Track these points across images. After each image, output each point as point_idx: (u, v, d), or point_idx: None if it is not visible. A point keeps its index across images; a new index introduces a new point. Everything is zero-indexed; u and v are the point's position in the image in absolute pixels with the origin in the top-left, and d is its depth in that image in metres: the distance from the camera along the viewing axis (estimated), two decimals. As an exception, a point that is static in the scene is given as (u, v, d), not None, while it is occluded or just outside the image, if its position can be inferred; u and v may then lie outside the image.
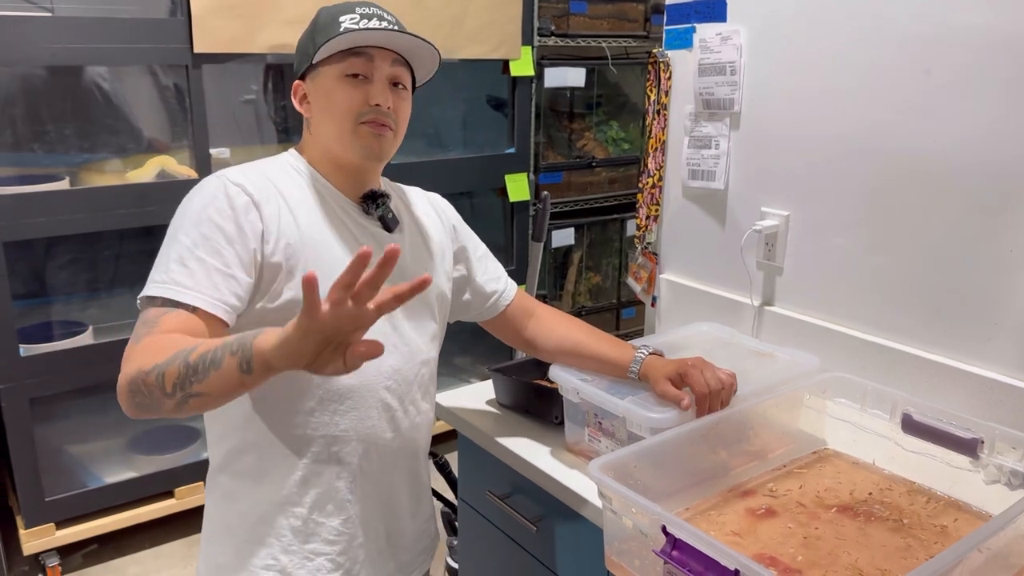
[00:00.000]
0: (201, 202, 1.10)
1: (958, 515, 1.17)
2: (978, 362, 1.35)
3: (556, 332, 1.41)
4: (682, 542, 0.96)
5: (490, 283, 1.40)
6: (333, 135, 1.17)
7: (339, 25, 1.15)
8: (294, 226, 1.13)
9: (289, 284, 1.12)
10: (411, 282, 0.84)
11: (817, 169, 1.54)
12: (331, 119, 1.17)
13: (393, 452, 1.25)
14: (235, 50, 2.39)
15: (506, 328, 1.44)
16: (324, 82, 1.16)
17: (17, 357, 2.27)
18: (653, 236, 1.90)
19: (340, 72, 1.15)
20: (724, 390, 1.25)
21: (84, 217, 2.29)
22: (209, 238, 1.07)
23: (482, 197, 3.33)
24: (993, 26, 1.26)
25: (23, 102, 2.37)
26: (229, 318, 1.07)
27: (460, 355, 3.46)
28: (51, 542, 2.42)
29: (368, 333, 1.14)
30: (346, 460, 1.20)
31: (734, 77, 1.65)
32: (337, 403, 1.18)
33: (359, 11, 1.16)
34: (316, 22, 1.19)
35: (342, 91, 1.15)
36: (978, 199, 1.32)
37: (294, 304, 1.11)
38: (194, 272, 1.05)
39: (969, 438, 1.20)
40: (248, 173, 1.15)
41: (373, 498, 1.24)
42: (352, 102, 1.15)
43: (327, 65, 1.16)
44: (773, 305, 1.66)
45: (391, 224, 1.23)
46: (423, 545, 1.37)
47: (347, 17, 1.15)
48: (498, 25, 2.93)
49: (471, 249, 1.39)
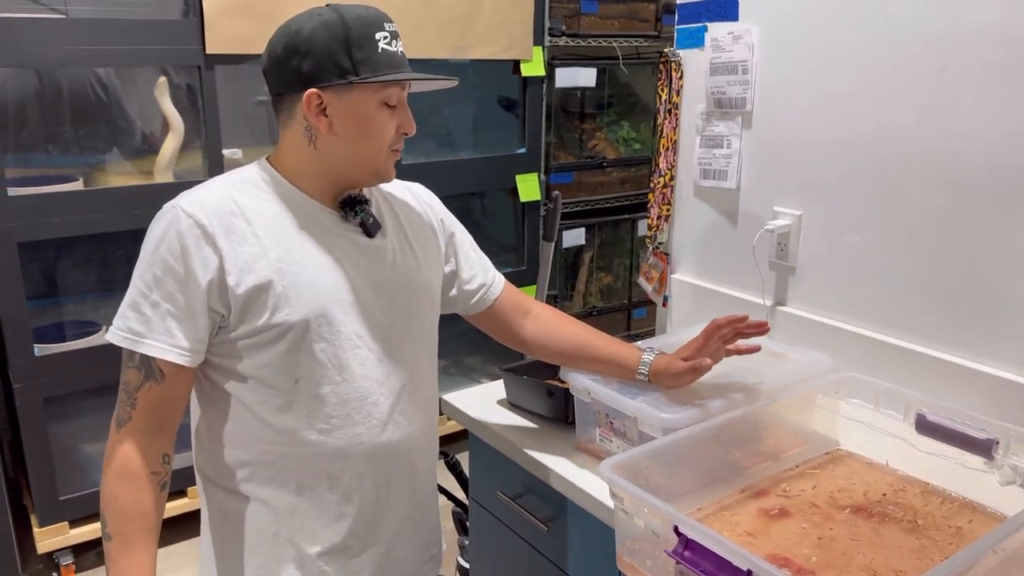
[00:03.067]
0: (154, 240, 1.10)
1: (973, 516, 1.16)
2: (993, 362, 1.34)
3: (559, 333, 1.38)
4: (694, 542, 0.95)
5: (476, 277, 1.36)
6: (356, 159, 1.14)
7: (376, 45, 1.10)
8: (258, 247, 1.10)
9: (266, 307, 1.10)
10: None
11: (830, 168, 1.53)
12: (364, 144, 1.13)
13: (386, 464, 1.23)
14: (247, 51, 2.40)
15: (498, 324, 1.39)
16: (359, 106, 1.11)
17: (32, 357, 2.28)
18: (664, 236, 1.90)
19: (380, 100, 1.12)
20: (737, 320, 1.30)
21: (98, 217, 2.30)
22: (162, 281, 1.08)
23: (493, 197, 3.33)
24: (1008, 23, 1.25)
25: (37, 103, 2.39)
26: (186, 361, 1.10)
27: (471, 355, 3.46)
28: (65, 540, 2.43)
29: (353, 343, 1.16)
30: (337, 474, 1.19)
31: (746, 76, 1.64)
32: (325, 418, 1.16)
33: (388, 28, 1.12)
34: (349, 32, 1.08)
35: (381, 120, 1.12)
36: (992, 198, 1.31)
37: (271, 327, 1.11)
38: (149, 319, 1.08)
39: (984, 439, 1.19)
40: (206, 198, 1.11)
41: (368, 511, 1.22)
42: (389, 131, 1.14)
43: (365, 89, 1.10)
44: (785, 305, 1.65)
45: (372, 229, 1.19)
46: (429, 555, 1.36)
47: (381, 36, 1.11)
48: (509, 25, 2.93)
49: (459, 243, 1.36)
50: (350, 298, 1.16)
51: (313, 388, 1.15)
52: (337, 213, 1.18)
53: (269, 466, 1.17)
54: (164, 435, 1.13)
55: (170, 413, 1.12)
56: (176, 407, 1.13)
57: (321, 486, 1.18)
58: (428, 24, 2.73)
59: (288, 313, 1.11)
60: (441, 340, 1.34)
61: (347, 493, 1.20)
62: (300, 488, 1.18)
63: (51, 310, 2.56)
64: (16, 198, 2.19)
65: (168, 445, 1.14)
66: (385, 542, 1.26)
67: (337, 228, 1.18)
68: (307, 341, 1.13)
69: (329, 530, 1.20)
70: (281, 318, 1.11)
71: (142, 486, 1.11)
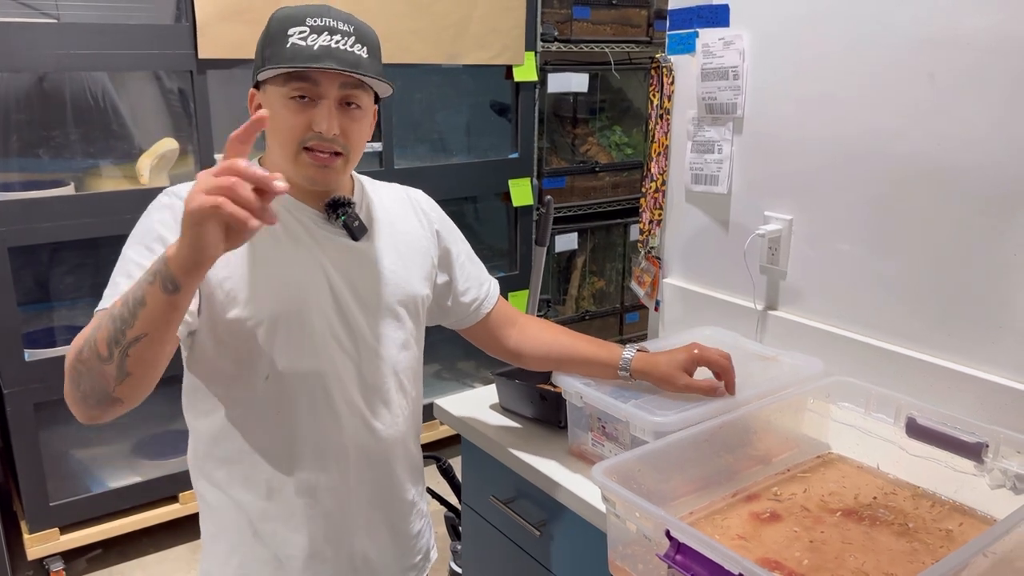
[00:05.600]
0: (148, 217, 1.11)
1: (963, 519, 1.17)
2: (983, 366, 1.34)
3: (541, 339, 1.38)
4: (686, 546, 0.96)
5: (471, 290, 1.36)
6: (280, 156, 1.13)
7: (287, 40, 1.07)
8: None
9: (236, 301, 1.10)
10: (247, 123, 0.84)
11: (820, 173, 1.54)
12: (276, 141, 1.12)
13: (359, 466, 1.21)
14: (240, 56, 2.40)
15: (487, 336, 1.39)
16: (270, 100, 1.11)
17: (22, 362, 2.27)
18: (656, 240, 1.90)
19: (284, 94, 1.09)
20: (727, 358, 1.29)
21: (89, 222, 2.30)
22: (153, 250, 1.07)
23: (486, 202, 3.34)
24: (998, 29, 1.26)
25: (29, 108, 2.38)
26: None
27: (463, 359, 3.46)
28: (55, 547, 2.42)
29: (326, 343, 1.14)
30: (305, 476, 1.18)
31: (737, 82, 1.65)
32: (296, 418, 1.15)
33: (310, 23, 1.08)
34: (268, 28, 1.11)
35: (285, 114, 1.09)
36: (983, 202, 1.32)
37: (240, 320, 1.10)
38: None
39: (974, 442, 1.19)
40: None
41: (339, 515, 1.21)
42: (294, 127, 1.09)
43: (272, 84, 1.10)
44: (777, 309, 1.66)
45: (357, 232, 1.17)
46: (410, 562, 1.34)
47: (296, 31, 1.07)
48: (501, 31, 2.94)
49: (455, 254, 1.35)
50: (326, 298, 1.16)
51: (282, 386, 1.14)
52: (320, 214, 1.18)
53: (242, 465, 1.17)
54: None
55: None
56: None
57: (288, 489, 1.18)
58: (422, 30, 2.73)
59: (257, 308, 1.11)
60: (433, 345, 1.33)
61: (317, 495, 1.19)
62: (270, 490, 1.17)
63: (42, 315, 2.55)
64: (6, 203, 2.18)
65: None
66: (361, 547, 1.25)
67: (319, 228, 1.17)
68: (277, 338, 1.12)
69: (299, 534, 1.19)
70: (250, 312, 1.10)
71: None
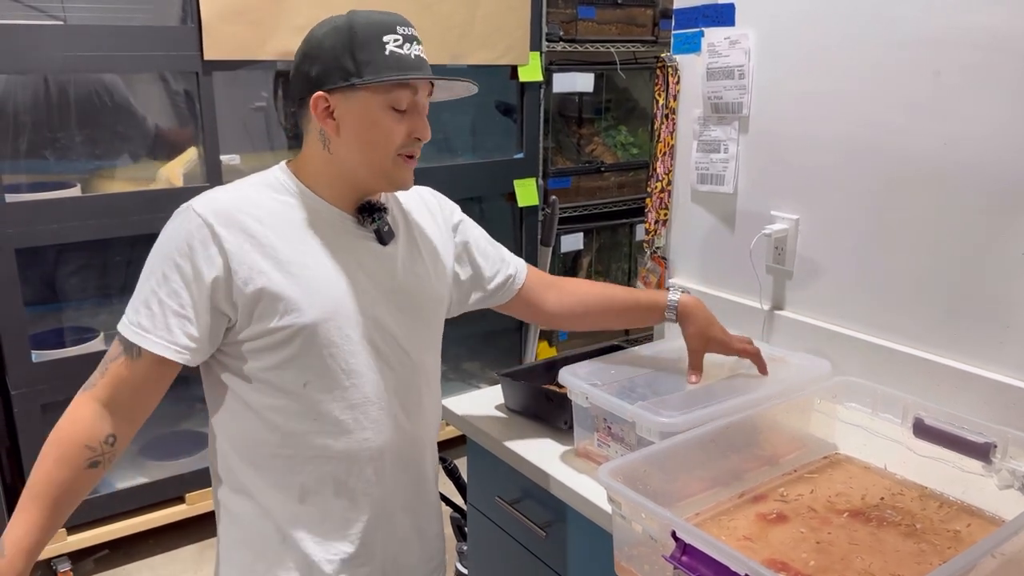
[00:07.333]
0: (166, 238, 1.12)
1: (971, 520, 1.16)
2: (990, 366, 1.34)
3: (580, 291, 1.42)
4: (692, 547, 0.95)
5: (500, 272, 1.38)
6: (364, 162, 1.13)
7: (384, 47, 1.08)
8: (270, 248, 1.11)
9: (275, 310, 1.10)
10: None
11: (827, 172, 1.53)
12: (369, 148, 1.12)
13: (395, 468, 1.23)
14: (245, 57, 2.40)
15: (526, 306, 1.41)
16: (364, 109, 1.10)
17: (29, 363, 2.28)
18: (662, 240, 1.90)
19: (386, 103, 1.10)
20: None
21: (95, 223, 2.30)
22: (169, 279, 1.09)
23: (491, 202, 3.33)
24: (1004, 26, 1.25)
25: (35, 110, 2.39)
26: (180, 358, 1.10)
27: (469, 360, 3.46)
28: (63, 547, 2.43)
29: (363, 348, 1.16)
30: (343, 479, 1.18)
31: (742, 81, 1.64)
32: (333, 422, 1.16)
33: (400, 32, 1.10)
34: (354, 34, 1.09)
35: (387, 123, 1.11)
36: (989, 201, 1.31)
37: (280, 329, 1.11)
38: (155, 315, 1.09)
39: (981, 442, 1.19)
40: (220, 197, 1.12)
41: (375, 518, 1.22)
42: (397, 135, 1.12)
43: (370, 91, 1.09)
44: (783, 309, 1.65)
45: (386, 237, 1.19)
46: (433, 564, 1.35)
47: (391, 38, 1.09)
48: (506, 31, 2.94)
49: (473, 242, 1.36)
50: (361, 303, 1.16)
51: (321, 392, 1.15)
52: (354, 218, 1.18)
53: (274, 470, 1.17)
54: (119, 417, 1.11)
55: (133, 396, 1.11)
56: (140, 394, 1.11)
57: (326, 491, 1.18)
58: (426, 30, 2.71)
59: (297, 316, 1.11)
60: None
61: (354, 499, 1.19)
62: (304, 493, 1.18)
63: (49, 316, 2.56)
64: (13, 205, 2.19)
65: (119, 429, 1.11)
66: (392, 550, 1.25)
67: (352, 233, 1.18)
68: (316, 345, 1.13)
69: (335, 537, 1.19)
70: (290, 320, 1.11)
71: (65, 456, 1.10)
